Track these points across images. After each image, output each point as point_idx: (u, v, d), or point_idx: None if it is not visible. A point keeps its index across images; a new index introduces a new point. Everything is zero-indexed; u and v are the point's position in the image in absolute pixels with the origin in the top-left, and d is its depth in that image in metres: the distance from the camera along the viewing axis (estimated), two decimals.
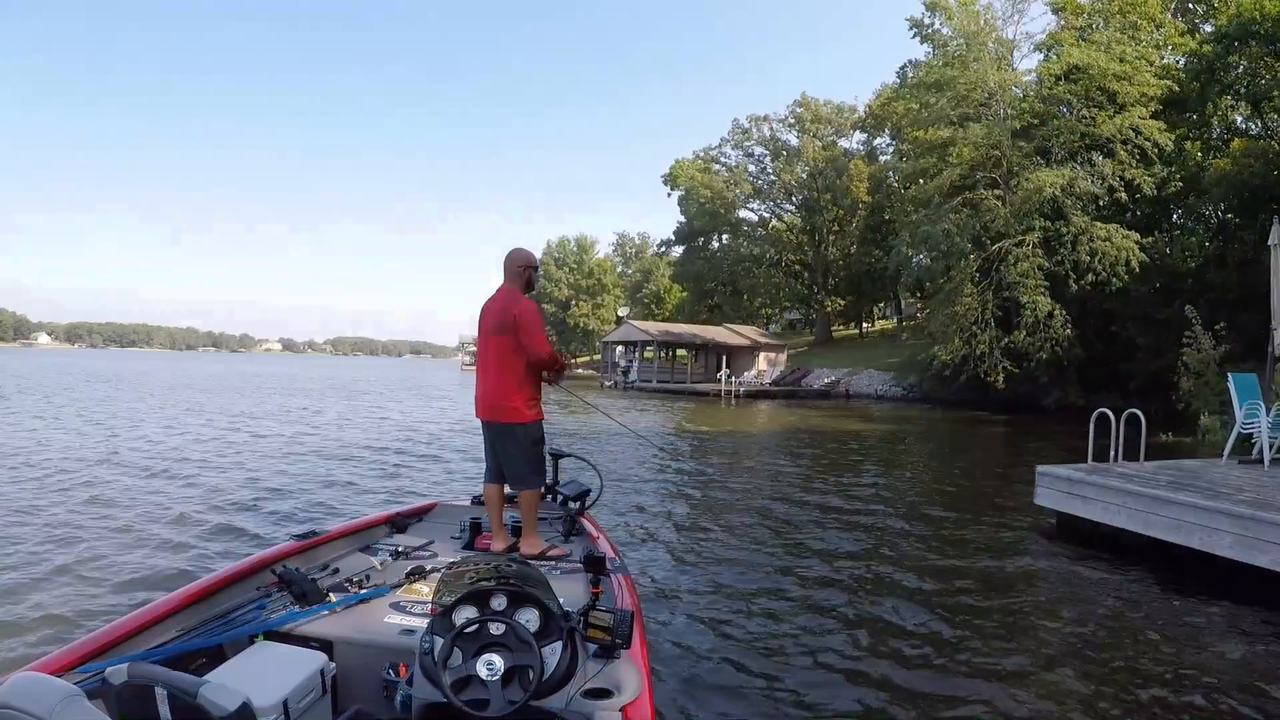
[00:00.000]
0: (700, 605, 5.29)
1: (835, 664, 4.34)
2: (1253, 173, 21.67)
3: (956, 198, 29.65)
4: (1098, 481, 7.24)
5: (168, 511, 7.79)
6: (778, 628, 4.88)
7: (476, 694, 2.14)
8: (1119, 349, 25.93)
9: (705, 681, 4.05)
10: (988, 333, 27.91)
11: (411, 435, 16.36)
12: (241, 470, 10.72)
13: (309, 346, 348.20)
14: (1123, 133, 25.39)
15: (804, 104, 55.38)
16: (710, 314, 59.47)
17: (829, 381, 40.95)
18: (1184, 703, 3.96)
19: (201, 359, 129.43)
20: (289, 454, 12.70)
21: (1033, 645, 4.79)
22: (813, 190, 54.89)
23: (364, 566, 3.52)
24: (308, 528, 4.13)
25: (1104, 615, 5.39)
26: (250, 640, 2.77)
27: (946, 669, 4.34)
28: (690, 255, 63.68)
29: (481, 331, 4.16)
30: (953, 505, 9.59)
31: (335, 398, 29.89)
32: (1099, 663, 4.48)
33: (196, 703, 1.77)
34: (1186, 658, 4.58)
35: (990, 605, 5.57)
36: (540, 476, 4.18)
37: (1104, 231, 25.33)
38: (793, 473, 12.51)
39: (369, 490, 9.54)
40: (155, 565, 5.86)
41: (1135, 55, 25.79)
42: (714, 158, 61.70)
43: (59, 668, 2.23)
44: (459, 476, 10.87)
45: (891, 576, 6.20)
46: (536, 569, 2.47)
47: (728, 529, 7.87)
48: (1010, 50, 31.04)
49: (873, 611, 5.29)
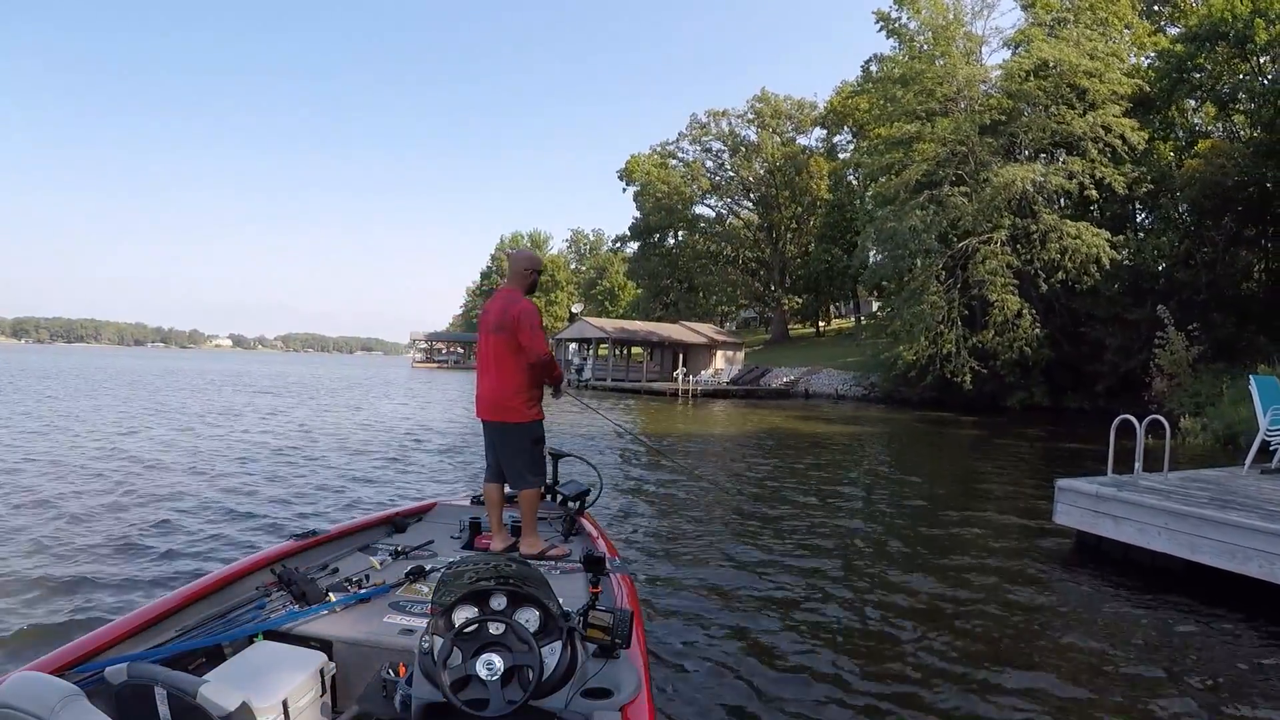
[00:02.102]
0: (700, 606, 5.25)
1: (834, 665, 4.30)
2: (1225, 173, 21.43)
3: (922, 194, 29.08)
4: (1130, 499, 6.45)
5: (165, 512, 7.67)
6: (778, 629, 4.85)
7: (476, 694, 2.14)
8: (1086, 349, 25.62)
9: (705, 682, 4.03)
10: (954, 332, 27.35)
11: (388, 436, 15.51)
12: (235, 470, 10.52)
13: (259, 343, 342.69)
14: (1094, 130, 25.04)
15: (764, 99, 54.75)
16: (665, 311, 58.68)
17: (788, 381, 40.30)
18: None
19: (152, 355, 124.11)
20: (270, 455, 12.15)
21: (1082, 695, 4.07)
22: (771, 187, 54.36)
23: (363, 566, 3.53)
24: (307, 527, 4.07)
25: (1165, 659, 4.62)
26: (250, 640, 2.75)
27: (953, 684, 4.10)
28: (646, 252, 62.79)
29: (482, 331, 4.13)
30: (949, 518, 8.74)
31: (304, 398, 28.47)
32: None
33: (196, 702, 1.81)
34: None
35: (1011, 626, 5.10)
36: (540, 476, 4.16)
37: (1074, 229, 24.94)
38: (777, 475, 11.83)
39: (329, 498, 8.90)
40: (154, 565, 5.83)
41: (1107, 52, 25.47)
42: (671, 153, 60.84)
43: (58, 667, 2.21)
44: (424, 480, 10.38)
45: (887, 580, 6.05)
46: (536, 569, 2.39)
47: (728, 531, 7.68)
48: (979, 45, 30.56)
49: (874, 614, 5.22)
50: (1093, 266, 24.15)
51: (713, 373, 43.70)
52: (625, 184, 62.02)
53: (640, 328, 47.49)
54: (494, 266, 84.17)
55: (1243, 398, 18.35)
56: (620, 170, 62.29)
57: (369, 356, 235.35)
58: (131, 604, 4.46)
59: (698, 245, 60.15)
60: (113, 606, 4.77)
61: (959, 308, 27.68)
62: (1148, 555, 6.31)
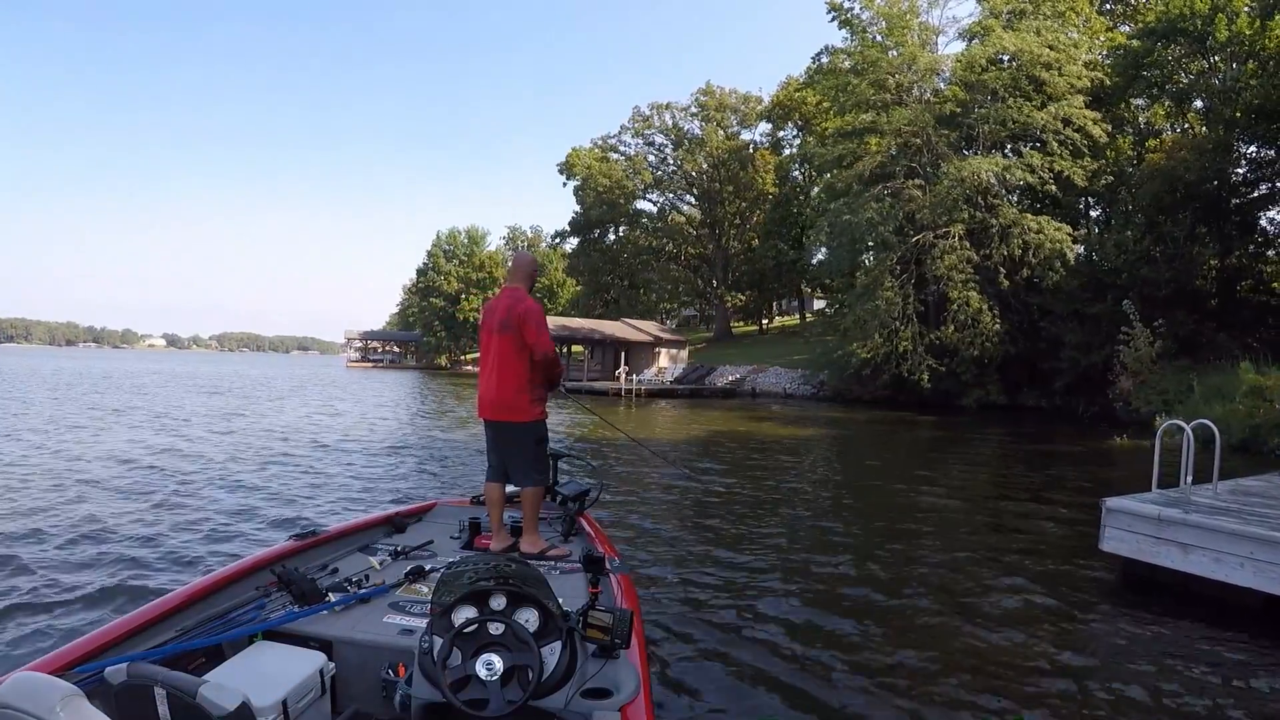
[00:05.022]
0: (700, 606, 5.18)
1: (835, 665, 4.23)
2: (1188, 167, 21.07)
3: (877, 186, 28.30)
4: (1204, 523, 5.40)
5: (165, 512, 7.70)
6: (777, 630, 4.76)
7: (475, 694, 2.12)
8: (1044, 346, 25.12)
9: (705, 682, 3.96)
10: (910, 329, 26.58)
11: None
12: (233, 471, 10.41)
13: (194, 342, 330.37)
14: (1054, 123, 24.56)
15: (709, 92, 53.77)
16: (606, 309, 57.37)
17: (734, 379, 39.37)
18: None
19: (85, 355, 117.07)
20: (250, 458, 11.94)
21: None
22: (714, 181, 53.44)
23: (363, 566, 3.52)
24: (307, 527, 4.01)
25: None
26: (249, 640, 2.76)
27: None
28: (586, 248, 61.27)
29: (485, 330, 4.14)
30: (966, 540, 7.60)
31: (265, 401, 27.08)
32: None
33: (196, 702, 1.79)
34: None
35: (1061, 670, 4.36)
36: (543, 475, 4.13)
37: (1035, 224, 24.42)
38: (752, 477, 11.10)
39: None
40: (153, 566, 5.78)
41: (1068, 43, 25.04)
42: (613, 146, 59.45)
43: (58, 667, 2.21)
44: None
45: (890, 590, 5.74)
46: (535, 569, 2.36)
47: (728, 532, 7.51)
48: (935, 36, 29.97)
49: (873, 617, 5.09)
50: (1057, 262, 23.62)
51: (656, 372, 42.55)
52: (566, 178, 60.31)
53: (581, 325, 45.82)
54: (430, 264, 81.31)
55: (1213, 395, 17.95)
56: (560, 164, 60.54)
57: (305, 356, 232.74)
58: (131, 604, 4.35)
59: (639, 241, 58.89)
60: (113, 606, 4.74)
61: (914, 304, 26.94)
62: (1215, 587, 5.33)
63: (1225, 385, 17.12)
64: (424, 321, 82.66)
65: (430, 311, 79.75)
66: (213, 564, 5.59)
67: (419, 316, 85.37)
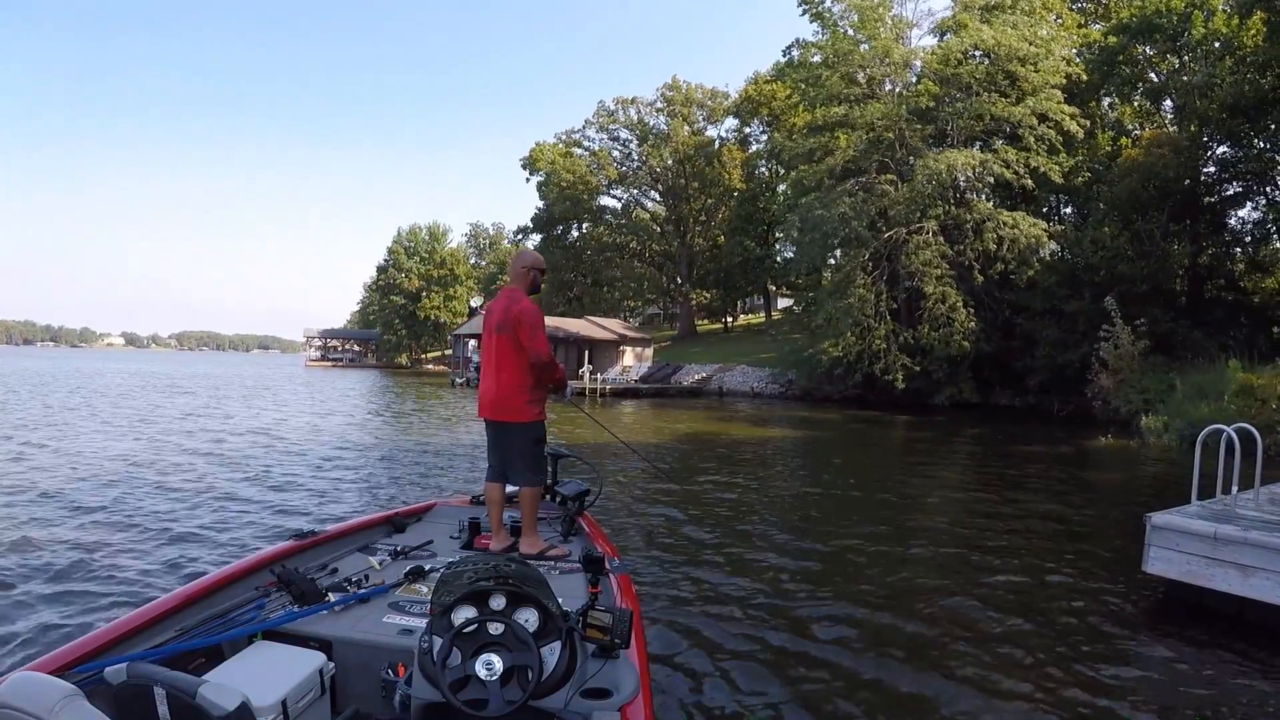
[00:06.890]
0: (700, 606, 5.07)
1: (835, 665, 4.16)
2: (1165, 164, 20.76)
3: (848, 181, 27.69)
4: (1267, 542, 4.72)
5: (163, 512, 7.57)
6: (777, 630, 4.67)
7: (475, 694, 2.10)
8: (1018, 344, 24.71)
9: (704, 682, 3.93)
10: (884, 326, 26.00)
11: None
12: (231, 472, 10.19)
13: (153, 341, 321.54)
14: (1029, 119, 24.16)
15: (675, 87, 52.96)
16: (569, 306, 56.23)
17: (700, 378, 38.64)
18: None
19: (45, 355, 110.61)
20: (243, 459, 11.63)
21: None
22: (680, 177, 52.65)
23: (363, 566, 3.49)
24: (306, 528, 3.95)
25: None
26: (249, 640, 2.75)
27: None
28: (549, 244, 59.89)
29: (486, 330, 4.13)
30: (977, 554, 6.89)
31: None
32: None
33: (195, 702, 1.77)
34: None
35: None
36: (542, 475, 4.12)
37: (1010, 219, 23.98)
38: (737, 479, 10.72)
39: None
40: (151, 566, 5.69)
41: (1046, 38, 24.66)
42: (577, 141, 58.35)
43: (58, 667, 2.19)
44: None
45: (892, 593, 5.51)
46: (535, 569, 2.32)
47: (728, 533, 7.38)
48: (908, 29, 29.46)
49: (873, 618, 4.92)
50: (1033, 257, 23.20)
51: (621, 370, 41.57)
52: (529, 173, 58.99)
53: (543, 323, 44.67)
54: (390, 260, 79.42)
55: (1196, 394, 17.57)
56: (524, 159, 59.22)
57: (266, 355, 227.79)
58: (131, 604, 4.38)
59: (603, 238, 57.92)
60: (112, 606, 4.70)
61: (887, 301, 26.39)
62: (1275, 613, 4.70)
63: (1208, 384, 16.72)
64: (384, 320, 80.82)
65: (390, 309, 77.96)
66: (211, 565, 5.50)
67: (379, 314, 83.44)
